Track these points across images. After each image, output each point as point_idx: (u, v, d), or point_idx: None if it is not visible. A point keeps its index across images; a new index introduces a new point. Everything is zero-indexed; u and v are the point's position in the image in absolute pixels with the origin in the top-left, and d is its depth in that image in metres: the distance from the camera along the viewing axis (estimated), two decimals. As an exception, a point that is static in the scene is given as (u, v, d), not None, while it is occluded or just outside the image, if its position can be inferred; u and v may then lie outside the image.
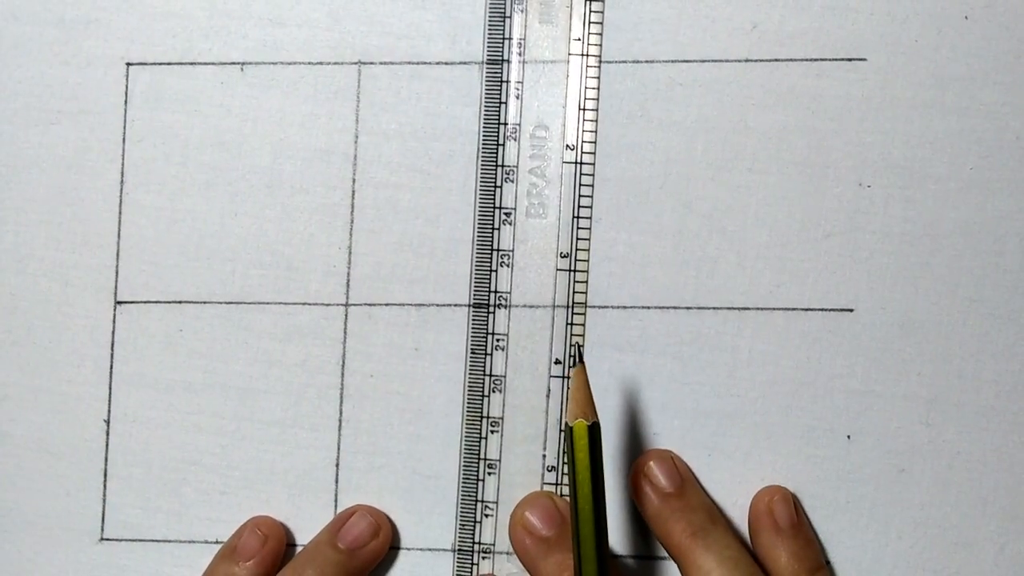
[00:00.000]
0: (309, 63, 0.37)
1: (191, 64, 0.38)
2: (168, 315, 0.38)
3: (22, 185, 0.38)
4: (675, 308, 0.36)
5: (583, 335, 0.36)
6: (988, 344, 0.36)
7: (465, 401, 0.37)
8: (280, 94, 0.37)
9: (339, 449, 0.37)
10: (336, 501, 0.37)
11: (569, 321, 0.37)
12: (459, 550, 0.37)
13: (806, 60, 0.36)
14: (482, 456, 0.37)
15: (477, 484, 0.37)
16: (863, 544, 0.36)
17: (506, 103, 0.37)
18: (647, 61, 0.37)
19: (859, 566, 0.36)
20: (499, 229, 0.37)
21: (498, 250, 0.37)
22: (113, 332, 0.38)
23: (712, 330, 0.36)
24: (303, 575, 0.35)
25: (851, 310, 0.36)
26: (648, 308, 0.36)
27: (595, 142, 0.36)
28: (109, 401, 0.38)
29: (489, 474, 0.37)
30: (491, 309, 0.37)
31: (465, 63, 0.37)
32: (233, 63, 0.38)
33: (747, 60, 0.36)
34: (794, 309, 0.36)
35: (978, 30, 0.36)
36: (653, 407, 0.36)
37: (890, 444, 0.35)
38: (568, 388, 0.34)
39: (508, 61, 0.37)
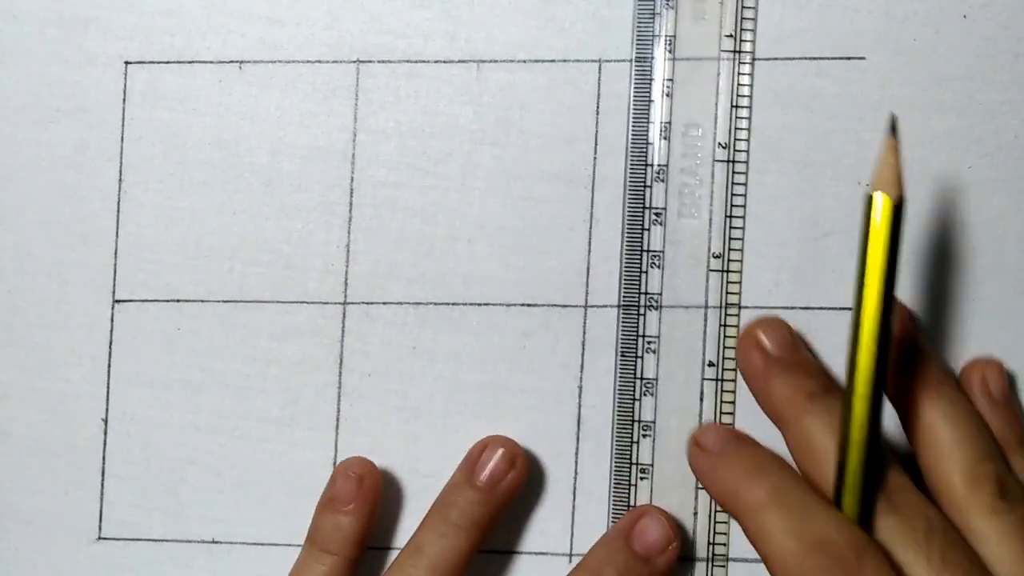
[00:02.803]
0: (307, 61, 0.37)
1: (189, 63, 0.38)
2: (166, 314, 0.38)
3: (20, 184, 0.38)
4: (674, 309, 0.36)
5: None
6: (988, 344, 0.36)
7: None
8: (278, 92, 0.37)
9: (336, 448, 0.37)
10: (334, 500, 0.37)
11: (722, 322, 0.36)
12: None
13: (805, 59, 0.36)
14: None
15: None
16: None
17: (654, 101, 0.36)
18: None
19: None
20: (649, 229, 0.36)
21: (648, 250, 0.36)
22: (111, 331, 0.38)
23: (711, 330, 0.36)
24: (447, 518, 0.35)
25: (850, 309, 0.36)
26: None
27: (748, 138, 0.36)
28: (107, 400, 0.38)
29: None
30: (641, 311, 0.36)
31: (463, 61, 0.37)
32: (231, 61, 0.38)
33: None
34: (793, 308, 0.36)
35: (977, 29, 0.36)
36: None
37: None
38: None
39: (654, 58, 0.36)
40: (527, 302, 0.37)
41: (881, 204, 0.29)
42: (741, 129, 0.36)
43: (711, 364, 0.36)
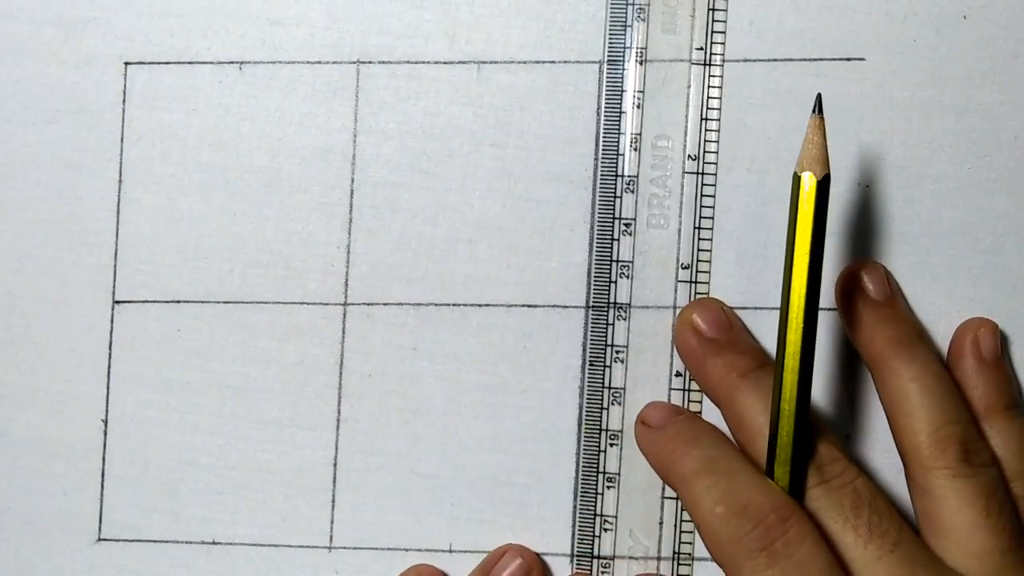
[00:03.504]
0: (308, 62, 0.37)
1: (189, 63, 0.38)
2: (166, 315, 0.38)
3: (20, 184, 0.38)
4: (668, 308, 0.36)
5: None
6: (987, 344, 0.36)
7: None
8: (278, 93, 0.37)
9: (337, 449, 0.37)
10: (334, 501, 0.37)
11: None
12: (457, 551, 0.37)
13: (804, 60, 0.36)
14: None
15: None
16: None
17: (626, 112, 0.36)
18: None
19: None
20: (618, 240, 0.36)
21: (618, 261, 0.37)
22: (111, 332, 0.38)
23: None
24: None
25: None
26: (646, 308, 0.36)
27: (717, 150, 0.36)
28: (107, 401, 0.38)
29: (487, 474, 0.37)
30: (610, 320, 0.36)
31: (464, 63, 0.37)
32: (231, 62, 0.37)
33: (745, 60, 0.36)
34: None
35: (977, 30, 0.36)
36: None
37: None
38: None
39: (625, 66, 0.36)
40: (527, 303, 0.37)
41: (808, 183, 0.31)
42: (711, 141, 0.36)
43: (678, 374, 0.36)
